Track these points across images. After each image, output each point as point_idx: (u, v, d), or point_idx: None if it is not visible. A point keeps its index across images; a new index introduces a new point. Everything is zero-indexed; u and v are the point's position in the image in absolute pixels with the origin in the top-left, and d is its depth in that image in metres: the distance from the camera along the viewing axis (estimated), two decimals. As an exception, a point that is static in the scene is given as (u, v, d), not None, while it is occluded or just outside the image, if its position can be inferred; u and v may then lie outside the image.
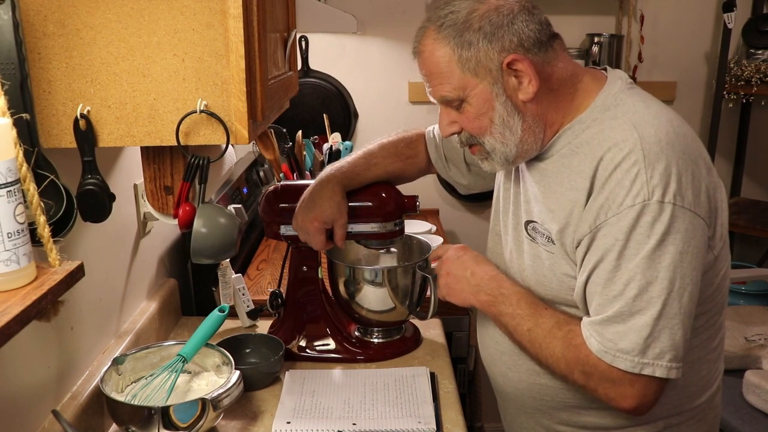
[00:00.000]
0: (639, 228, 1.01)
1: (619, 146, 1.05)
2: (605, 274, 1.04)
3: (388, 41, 2.68)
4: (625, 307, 1.02)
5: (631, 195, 1.01)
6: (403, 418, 1.27)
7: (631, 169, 1.02)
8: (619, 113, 1.09)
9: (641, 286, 1.01)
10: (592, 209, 1.05)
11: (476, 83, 1.09)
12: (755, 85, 2.56)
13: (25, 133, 0.96)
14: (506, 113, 1.10)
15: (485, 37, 1.06)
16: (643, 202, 1.01)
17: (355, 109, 2.73)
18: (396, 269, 1.49)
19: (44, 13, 0.97)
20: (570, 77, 1.13)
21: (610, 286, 1.04)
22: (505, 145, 1.13)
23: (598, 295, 1.06)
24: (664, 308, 1.01)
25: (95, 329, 1.33)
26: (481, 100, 1.10)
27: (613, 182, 1.03)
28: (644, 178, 1.01)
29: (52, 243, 0.92)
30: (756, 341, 2.09)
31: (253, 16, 1.01)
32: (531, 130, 1.12)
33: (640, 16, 2.66)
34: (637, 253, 1.01)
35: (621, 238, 1.02)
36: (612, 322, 1.04)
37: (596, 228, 1.05)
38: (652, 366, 1.02)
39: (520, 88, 1.09)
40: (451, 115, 1.15)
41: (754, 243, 2.89)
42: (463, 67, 1.08)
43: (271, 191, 1.47)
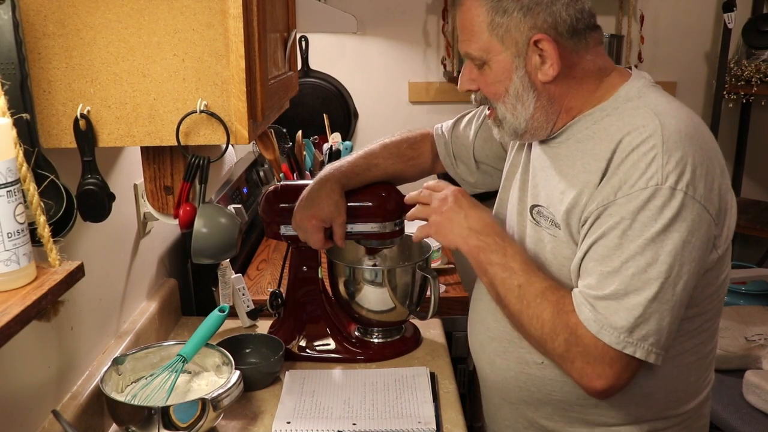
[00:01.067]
0: (647, 210, 1.01)
1: (639, 130, 1.05)
2: (605, 251, 1.03)
3: (388, 41, 2.68)
4: (621, 285, 1.02)
5: (644, 177, 1.01)
6: (403, 418, 1.27)
7: (648, 152, 1.02)
8: (641, 104, 1.10)
9: (640, 266, 1.01)
10: (605, 189, 1.05)
11: (500, 50, 1.10)
12: (755, 85, 2.56)
13: (25, 133, 0.96)
14: (521, 87, 1.11)
15: (521, 9, 1.08)
16: (655, 186, 1.00)
17: (355, 109, 2.73)
18: (396, 269, 1.49)
19: (44, 13, 0.97)
20: (598, 70, 1.14)
21: (608, 262, 1.03)
22: (515, 117, 1.14)
23: (595, 271, 1.05)
24: (659, 292, 1.01)
25: (95, 329, 1.33)
26: (501, 67, 1.11)
27: (628, 163, 1.03)
28: (660, 163, 1.01)
29: (52, 243, 0.92)
30: (756, 341, 2.09)
31: (253, 16, 1.01)
32: (544, 110, 1.13)
33: (640, 16, 2.67)
34: (641, 234, 1.01)
35: (627, 218, 1.02)
36: (605, 298, 1.03)
37: (604, 207, 1.04)
38: (634, 346, 1.01)
39: (541, 69, 1.10)
40: (473, 73, 1.17)
41: (754, 243, 2.89)
42: (492, 32, 1.10)
43: (271, 191, 1.47)
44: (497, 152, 1.42)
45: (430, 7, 2.65)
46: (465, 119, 1.48)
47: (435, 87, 2.70)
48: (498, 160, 1.42)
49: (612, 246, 1.03)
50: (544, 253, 1.15)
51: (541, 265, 1.16)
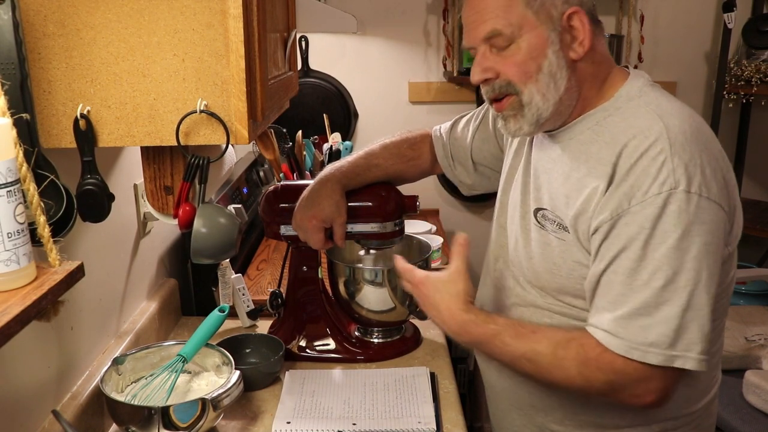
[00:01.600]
0: (665, 217, 0.99)
1: (645, 134, 1.03)
2: (629, 263, 1.01)
3: (388, 41, 2.68)
4: (652, 298, 1.00)
5: (657, 183, 1.00)
6: (403, 418, 1.27)
7: (657, 157, 1.01)
8: (642, 103, 1.09)
9: (668, 276, 0.99)
10: (615, 196, 1.03)
11: (535, 25, 1.05)
12: (755, 85, 2.56)
13: (25, 133, 0.96)
14: (556, 64, 1.07)
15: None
16: (669, 191, 0.99)
17: (355, 109, 2.73)
18: (396, 269, 1.49)
19: (44, 13, 0.97)
20: (606, 61, 1.13)
21: (635, 275, 1.01)
22: (545, 100, 1.08)
23: (620, 285, 1.02)
24: (691, 299, 0.99)
25: (95, 329, 1.33)
26: (535, 43, 1.06)
27: (638, 170, 1.02)
28: (670, 167, 1.00)
29: (52, 243, 0.92)
30: (756, 341, 2.09)
31: (253, 16, 1.01)
32: (569, 93, 1.09)
33: (640, 16, 2.66)
34: (663, 243, 0.99)
35: (647, 227, 1.00)
36: (637, 314, 1.01)
37: (618, 216, 1.02)
38: (683, 358, 1.00)
39: (572, 46, 1.07)
40: (488, 60, 1.09)
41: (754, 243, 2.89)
42: (527, 5, 1.05)
43: (271, 191, 1.47)
44: (495, 153, 1.42)
45: (430, 7, 2.65)
46: (463, 120, 1.48)
47: (435, 87, 2.70)
48: (496, 162, 1.42)
49: (636, 258, 1.01)
50: (553, 257, 1.14)
51: (552, 268, 1.14)
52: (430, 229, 2.33)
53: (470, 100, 2.69)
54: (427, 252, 1.55)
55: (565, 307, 1.16)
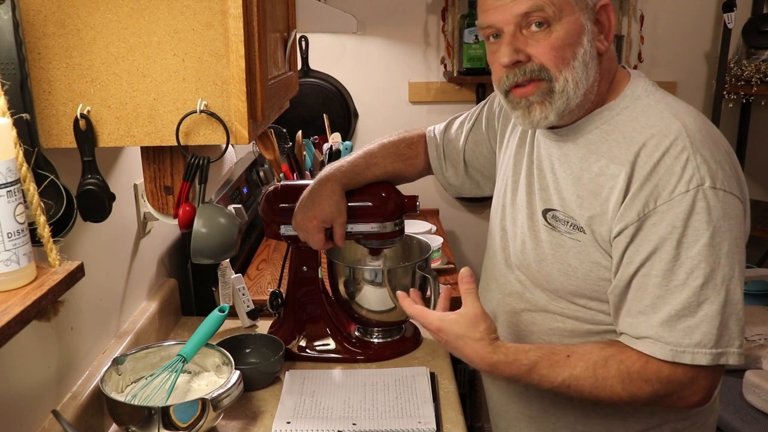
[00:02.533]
0: (696, 215, 0.98)
1: (663, 132, 1.03)
2: (664, 264, 1.00)
3: (388, 41, 2.68)
4: (693, 297, 0.99)
5: (683, 181, 0.99)
6: (402, 419, 1.27)
7: (680, 155, 1.00)
8: (652, 102, 1.09)
9: (706, 274, 0.98)
10: (639, 197, 1.02)
11: (574, 10, 1.04)
12: (755, 85, 2.56)
13: (25, 133, 0.96)
14: (589, 53, 1.06)
15: None
16: (696, 188, 0.99)
17: (355, 109, 2.73)
18: (396, 269, 1.49)
19: (44, 13, 0.97)
20: (615, 59, 1.13)
21: (671, 276, 1.00)
22: (577, 88, 1.06)
23: (657, 287, 1.01)
24: (728, 295, 0.99)
25: (95, 329, 1.33)
26: (572, 29, 1.04)
27: (662, 169, 1.01)
28: (695, 164, 1.00)
29: (52, 243, 0.92)
30: (756, 341, 2.09)
31: (253, 16, 1.01)
32: (595, 85, 1.08)
33: (640, 16, 2.66)
34: (697, 240, 0.99)
35: (678, 225, 0.99)
36: (680, 316, 1.00)
37: (645, 216, 1.01)
38: (726, 354, 1.00)
39: (599, 37, 1.07)
40: (520, 42, 1.05)
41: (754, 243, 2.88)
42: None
43: (271, 191, 1.47)
44: (487, 156, 1.42)
45: (430, 7, 2.65)
46: (457, 121, 1.48)
47: (435, 87, 2.70)
48: (487, 164, 1.42)
49: (670, 258, 1.00)
50: (568, 259, 1.12)
51: (567, 270, 1.13)
52: (430, 229, 2.33)
53: (470, 100, 2.69)
54: (427, 252, 1.55)
55: (579, 310, 1.14)
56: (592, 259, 1.09)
